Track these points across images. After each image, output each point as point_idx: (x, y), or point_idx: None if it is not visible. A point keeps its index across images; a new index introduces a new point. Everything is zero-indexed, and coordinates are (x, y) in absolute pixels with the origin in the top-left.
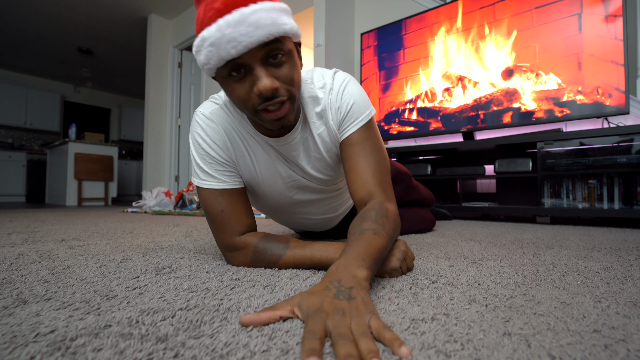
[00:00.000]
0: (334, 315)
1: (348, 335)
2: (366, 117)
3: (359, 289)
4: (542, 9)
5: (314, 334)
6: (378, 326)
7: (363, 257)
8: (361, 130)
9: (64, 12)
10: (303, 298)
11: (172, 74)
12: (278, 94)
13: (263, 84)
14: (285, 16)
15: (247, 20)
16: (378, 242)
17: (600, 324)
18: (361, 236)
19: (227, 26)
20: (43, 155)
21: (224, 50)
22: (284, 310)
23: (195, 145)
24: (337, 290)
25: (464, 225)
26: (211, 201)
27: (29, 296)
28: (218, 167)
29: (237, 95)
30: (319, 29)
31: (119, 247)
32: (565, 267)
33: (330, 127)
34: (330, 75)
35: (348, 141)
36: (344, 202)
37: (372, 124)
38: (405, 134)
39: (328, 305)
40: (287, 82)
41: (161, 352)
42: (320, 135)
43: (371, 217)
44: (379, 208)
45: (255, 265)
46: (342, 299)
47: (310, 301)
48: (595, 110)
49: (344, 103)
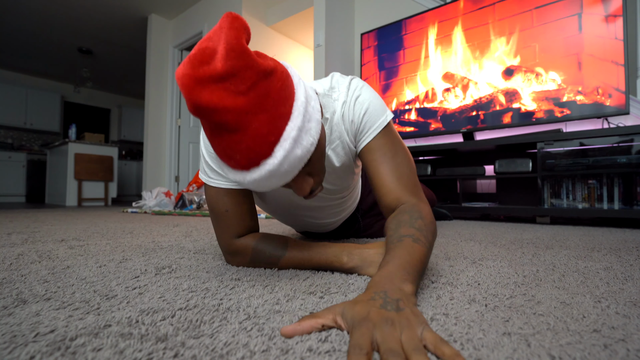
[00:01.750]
0: (383, 325)
1: (398, 350)
2: (382, 123)
3: (406, 301)
4: (542, 9)
5: (360, 348)
6: (435, 340)
7: (408, 270)
8: (379, 136)
9: (64, 12)
10: (347, 307)
11: (172, 74)
12: (313, 189)
13: (302, 192)
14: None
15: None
16: (420, 251)
17: (600, 324)
18: (401, 244)
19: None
20: (43, 156)
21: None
22: (326, 319)
23: (206, 142)
24: (384, 301)
25: (464, 225)
26: (217, 200)
27: (28, 296)
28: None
29: None
30: (319, 29)
31: (119, 247)
32: (565, 267)
33: (344, 140)
34: (345, 86)
35: (367, 149)
36: (347, 207)
37: (389, 129)
38: (405, 134)
39: (375, 314)
40: (318, 173)
41: (161, 352)
42: (335, 149)
43: (406, 221)
44: (412, 210)
45: (254, 266)
46: (389, 309)
47: (355, 310)
48: (595, 111)
49: (357, 115)
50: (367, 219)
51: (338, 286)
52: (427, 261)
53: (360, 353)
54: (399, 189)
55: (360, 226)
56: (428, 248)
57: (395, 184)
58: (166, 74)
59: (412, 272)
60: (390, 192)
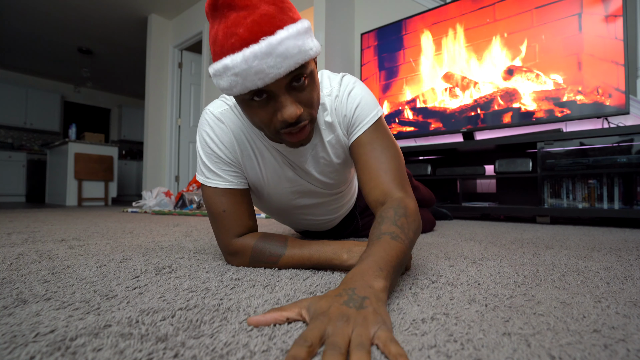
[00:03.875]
0: (337, 321)
1: (341, 345)
2: (373, 118)
3: (373, 300)
4: (542, 9)
5: (305, 340)
6: (385, 338)
7: (381, 266)
8: (369, 130)
9: (64, 12)
10: (313, 301)
11: (172, 74)
12: (301, 119)
13: (288, 113)
14: (310, 38)
15: (275, 52)
16: (397, 247)
17: (600, 324)
18: (379, 241)
19: (254, 58)
20: (43, 155)
21: (250, 82)
22: (291, 312)
23: (202, 143)
24: (349, 297)
25: (464, 225)
26: (214, 200)
27: (28, 296)
28: (224, 167)
29: (258, 118)
30: (319, 29)
31: (119, 247)
32: (565, 267)
33: (338, 134)
34: (337, 82)
35: (357, 143)
36: (345, 204)
37: (380, 124)
38: (405, 134)
39: (334, 310)
40: (309, 105)
41: (161, 352)
42: (330, 142)
43: (390, 218)
44: (398, 206)
45: (254, 266)
46: (351, 306)
47: (318, 304)
48: (595, 111)
49: (350, 109)
50: (366, 218)
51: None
52: (404, 258)
53: (303, 344)
54: (387, 182)
55: (359, 224)
56: (407, 245)
57: (384, 177)
58: (166, 74)
59: (385, 268)
60: (378, 186)
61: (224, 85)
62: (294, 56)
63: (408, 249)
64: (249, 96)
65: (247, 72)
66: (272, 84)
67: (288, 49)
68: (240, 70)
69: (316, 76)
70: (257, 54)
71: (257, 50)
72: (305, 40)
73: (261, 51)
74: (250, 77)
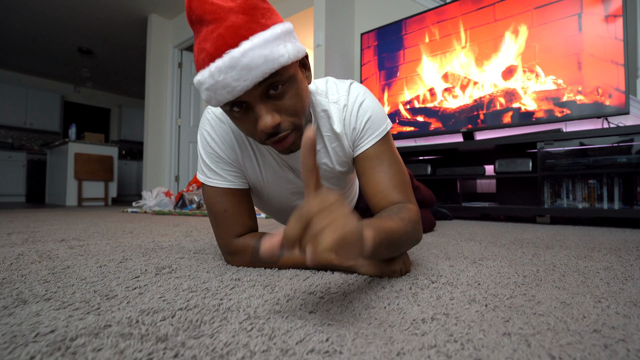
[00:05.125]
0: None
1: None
2: (382, 132)
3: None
4: (542, 9)
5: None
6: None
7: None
8: (378, 144)
9: (64, 12)
10: None
11: (172, 74)
12: (281, 129)
13: (264, 123)
14: (281, 44)
15: (238, 65)
16: (391, 223)
17: (600, 324)
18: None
19: (219, 72)
20: (43, 155)
21: (221, 96)
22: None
23: (204, 142)
24: None
25: (464, 225)
26: (215, 200)
27: (29, 296)
28: (225, 167)
29: (242, 128)
30: (319, 29)
31: (119, 247)
32: (565, 267)
33: (343, 143)
34: (345, 89)
35: (364, 156)
36: None
37: (388, 138)
38: (405, 134)
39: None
40: (290, 113)
41: (161, 352)
42: (334, 149)
43: (392, 210)
44: (402, 206)
45: (254, 266)
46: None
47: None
48: (595, 111)
49: (360, 122)
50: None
51: (338, 286)
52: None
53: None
54: (393, 195)
55: None
56: (402, 228)
57: (391, 190)
58: (166, 74)
59: (376, 227)
60: (385, 198)
61: (203, 97)
62: (259, 66)
63: (402, 231)
64: (228, 107)
65: (216, 86)
66: (244, 95)
67: (252, 59)
68: (209, 85)
69: (301, 81)
70: (221, 69)
71: (220, 65)
72: (274, 48)
73: (224, 65)
74: (219, 92)
